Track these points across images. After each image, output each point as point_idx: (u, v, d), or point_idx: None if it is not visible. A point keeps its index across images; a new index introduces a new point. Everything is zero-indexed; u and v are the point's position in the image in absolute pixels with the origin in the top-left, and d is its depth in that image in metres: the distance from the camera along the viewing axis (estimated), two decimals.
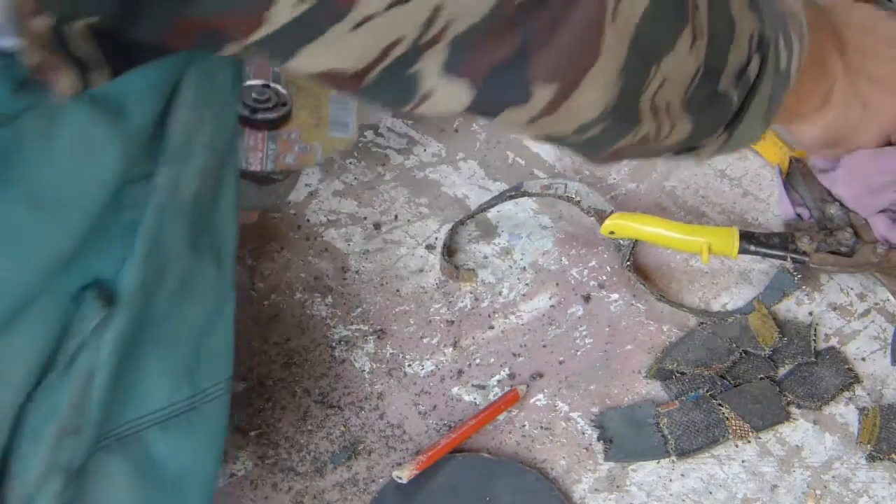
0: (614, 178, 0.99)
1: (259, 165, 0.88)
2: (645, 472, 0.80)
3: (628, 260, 0.91)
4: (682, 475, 0.80)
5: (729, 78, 0.53)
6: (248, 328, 0.87)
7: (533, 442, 0.81)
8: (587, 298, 0.90)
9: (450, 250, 0.93)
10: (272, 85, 0.94)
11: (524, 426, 0.82)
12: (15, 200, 0.48)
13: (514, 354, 0.86)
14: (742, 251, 0.88)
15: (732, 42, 0.52)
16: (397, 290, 0.91)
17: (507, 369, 0.86)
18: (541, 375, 0.85)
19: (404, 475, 0.77)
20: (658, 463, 0.80)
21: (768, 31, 0.55)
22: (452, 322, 0.89)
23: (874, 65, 0.76)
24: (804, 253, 0.88)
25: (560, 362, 0.86)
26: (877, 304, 0.89)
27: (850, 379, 0.84)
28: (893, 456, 0.79)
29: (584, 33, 0.45)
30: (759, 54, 0.54)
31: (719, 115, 0.56)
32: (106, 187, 0.51)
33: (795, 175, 0.96)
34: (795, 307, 0.89)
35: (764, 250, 0.89)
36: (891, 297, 0.89)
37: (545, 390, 0.84)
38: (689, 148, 0.59)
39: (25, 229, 0.49)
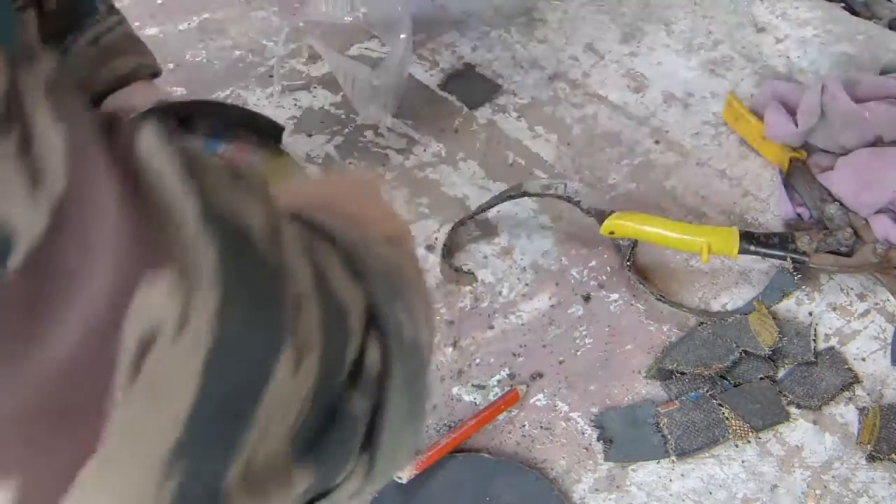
0: (614, 178, 0.99)
1: None
2: (645, 472, 0.80)
3: (628, 260, 0.91)
4: (682, 475, 0.79)
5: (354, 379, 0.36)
6: None
7: (533, 442, 0.81)
8: (587, 298, 0.90)
9: (450, 250, 0.93)
10: None
11: (524, 426, 0.82)
12: None
13: (514, 354, 0.86)
14: (742, 251, 0.88)
15: (347, 340, 0.35)
16: None
17: (507, 369, 0.86)
18: (541, 375, 0.85)
19: (404, 475, 0.77)
20: (658, 463, 0.80)
21: (381, 299, 0.37)
22: (452, 322, 0.88)
23: None
24: (804, 253, 0.88)
25: (560, 362, 0.86)
26: (877, 304, 0.89)
27: (850, 379, 0.84)
28: (893, 456, 0.79)
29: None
30: (376, 337, 0.36)
31: (347, 443, 0.36)
32: None
33: (795, 175, 0.96)
34: (795, 307, 0.89)
35: (764, 250, 0.89)
36: (891, 297, 0.89)
37: (545, 390, 0.84)
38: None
39: None
